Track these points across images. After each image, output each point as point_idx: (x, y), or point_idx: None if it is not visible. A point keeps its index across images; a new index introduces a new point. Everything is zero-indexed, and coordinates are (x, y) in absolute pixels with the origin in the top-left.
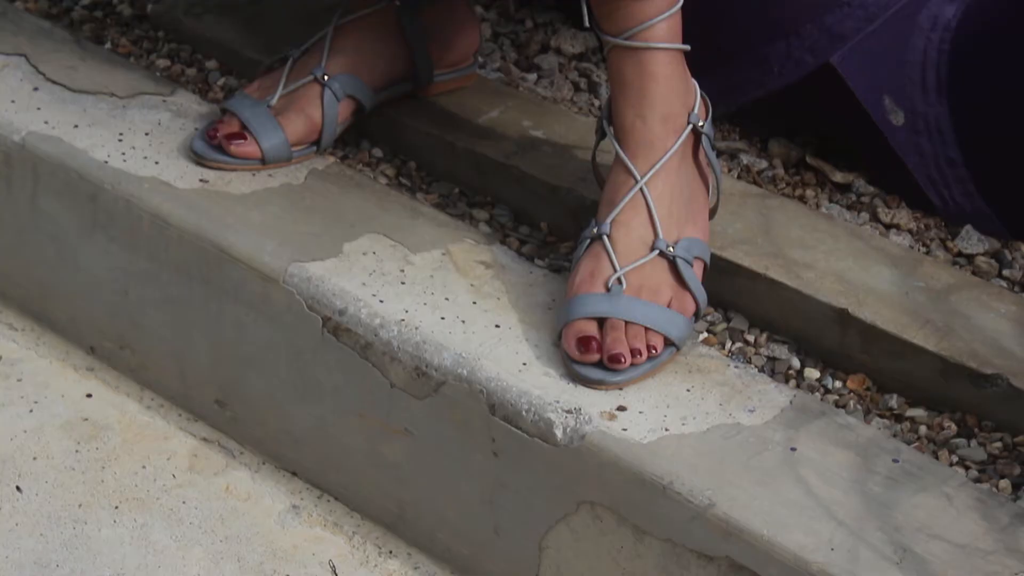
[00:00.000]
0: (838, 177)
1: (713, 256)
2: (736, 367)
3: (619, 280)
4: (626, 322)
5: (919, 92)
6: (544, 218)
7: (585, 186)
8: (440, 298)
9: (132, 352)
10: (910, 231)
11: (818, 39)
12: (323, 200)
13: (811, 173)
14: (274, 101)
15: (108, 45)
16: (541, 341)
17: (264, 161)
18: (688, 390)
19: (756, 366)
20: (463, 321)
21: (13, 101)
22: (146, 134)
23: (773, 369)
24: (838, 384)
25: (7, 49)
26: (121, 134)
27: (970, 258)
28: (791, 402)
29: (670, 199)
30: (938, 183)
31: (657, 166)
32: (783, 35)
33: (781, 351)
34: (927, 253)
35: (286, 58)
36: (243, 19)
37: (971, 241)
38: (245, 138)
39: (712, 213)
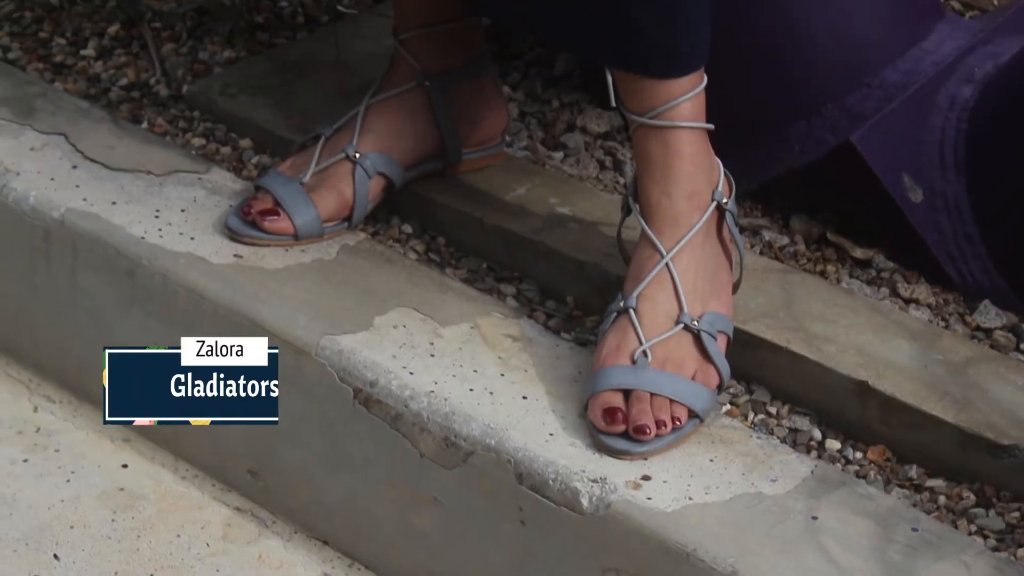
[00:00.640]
0: (858, 253)
1: (736, 330)
2: (758, 438)
3: (645, 353)
4: (651, 394)
5: (937, 170)
6: (570, 293)
7: (610, 262)
8: (469, 370)
9: None
10: (929, 306)
11: (839, 118)
12: (354, 275)
13: (832, 249)
14: (307, 178)
15: (145, 124)
16: (567, 412)
17: (297, 237)
18: (711, 460)
19: (778, 437)
20: (491, 393)
21: (53, 179)
22: (182, 211)
23: (795, 440)
24: (859, 455)
25: (47, 128)
26: (158, 211)
27: (988, 332)
28: (812, 472)
29: (695, 274)
30: (956, 259)
31: (683, 242)
32: (804, 115)
33: (803, 422)
34: (946, 327)
35: (318, 136)
36: (276, 99)
37: (989, 316)
38: (278, 214)
39: (735, 288)
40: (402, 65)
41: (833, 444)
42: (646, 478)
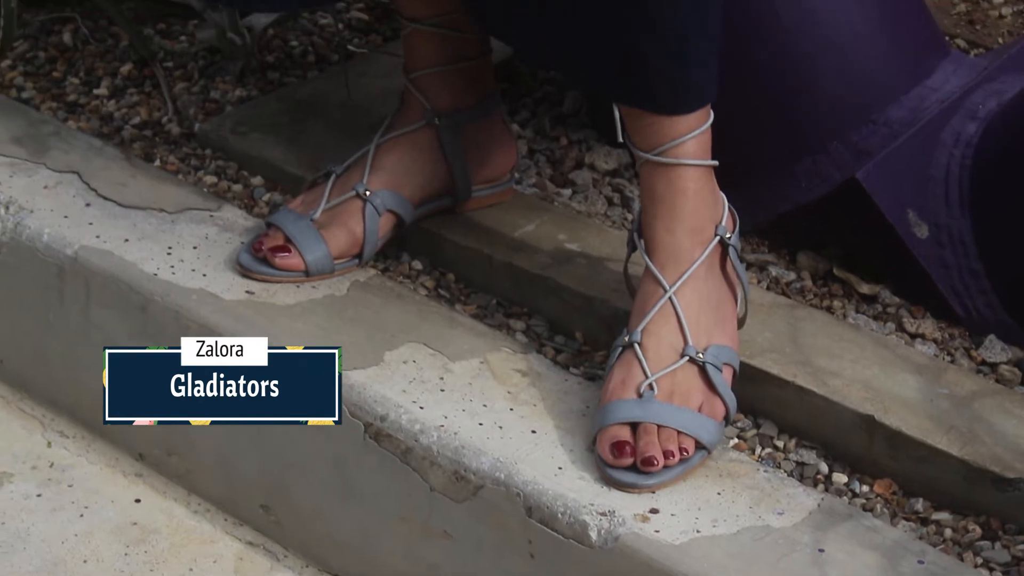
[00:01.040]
0: (864, 288)
1: (743, 364)
2: (766, 471)
3: (651, 386)
4: (658, 426)
5: (942, 206)
6: (579, 328)
7: (618, 297)
8: (478, 405)
9: (180, 459)
10: (935, 340)
11: (844, 155)
12: (365, 311)
13: (838, 284)
14: (317, 215)
15: (157, 162)
16: (576, 446)
17: (308, 273)
18: (719, 493)
19: (785, 471)
20: (500, 427)
21: (66, 216)
22: (194, 248)
23: (802, 474)
24: (865, 488)
25: (60, 167)
26: (170, 248)
27: (993, 366)
28: (819, 505)
29: (698, 308)
30: (962, 294)
31: (684, 276)
32: (810, 151)
33: (809, 456)
34: (951, 361)
35: (329, 174)
36: (287, 137)
37: (994, 350)
38: (289, 251)
39: (741, 322)
40: (412, 104)
41: (840, 477)
42: (654, 511)
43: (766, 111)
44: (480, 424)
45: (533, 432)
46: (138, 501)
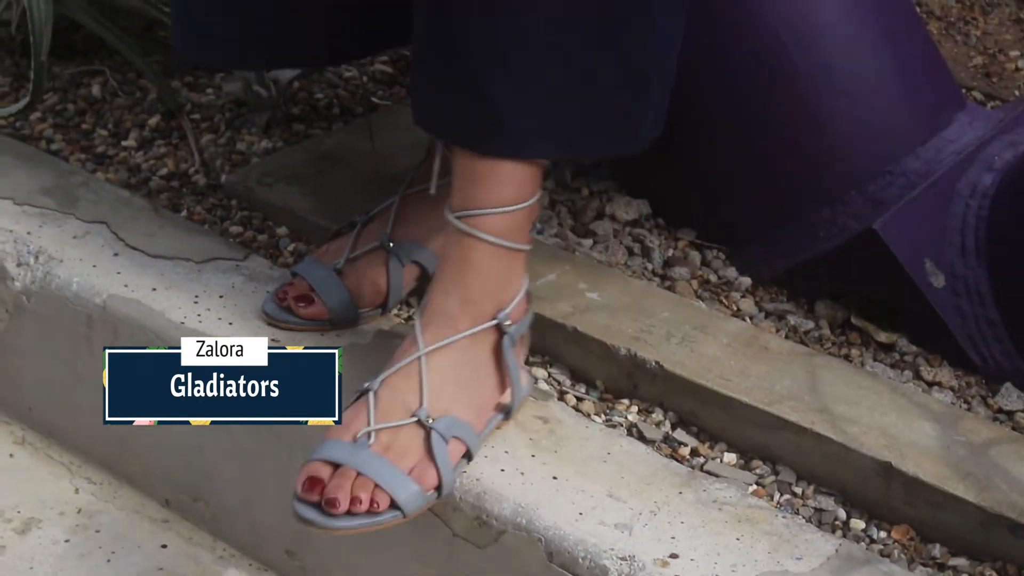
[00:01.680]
0: (882, 337)
1: (761, 411)
2: (784, 517)
3: (368, 435)
4: (358, 473)
5: (959, 256)
6: (600, 376)
7: (640, 345)
8: (500, 451)
9: (205, 504)
10: (951, 388)
11: (862, 205)
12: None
13: (856, 333)
14: (341, 265)
15: (184, 213)
16: (596, 492)
17: (332, 322)
18: (738, 539)
19: (803, 517)
20: (522, 473)
21: (95, 266)
22: (220, 297)
23: (820, 520)
24: (883, 534)
25: (89, 217)
26: (197, 297)
27: (1010, 414)
28: (837, 551)
29: (446, 376)
30: (978, 343)
31: (441, 343)
32: (828, 202)
33: (827, 502)
34: (968, 409)
35: (354, 224)
36: (312, 188)
37: (1011, 398)
38: (313, 301)
39: (506, 411)
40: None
41: (857, 523)
42: (674, 556)
43: (784, 161)
44: (502, 470)
45: (554, 478)
46: (164, 547)
